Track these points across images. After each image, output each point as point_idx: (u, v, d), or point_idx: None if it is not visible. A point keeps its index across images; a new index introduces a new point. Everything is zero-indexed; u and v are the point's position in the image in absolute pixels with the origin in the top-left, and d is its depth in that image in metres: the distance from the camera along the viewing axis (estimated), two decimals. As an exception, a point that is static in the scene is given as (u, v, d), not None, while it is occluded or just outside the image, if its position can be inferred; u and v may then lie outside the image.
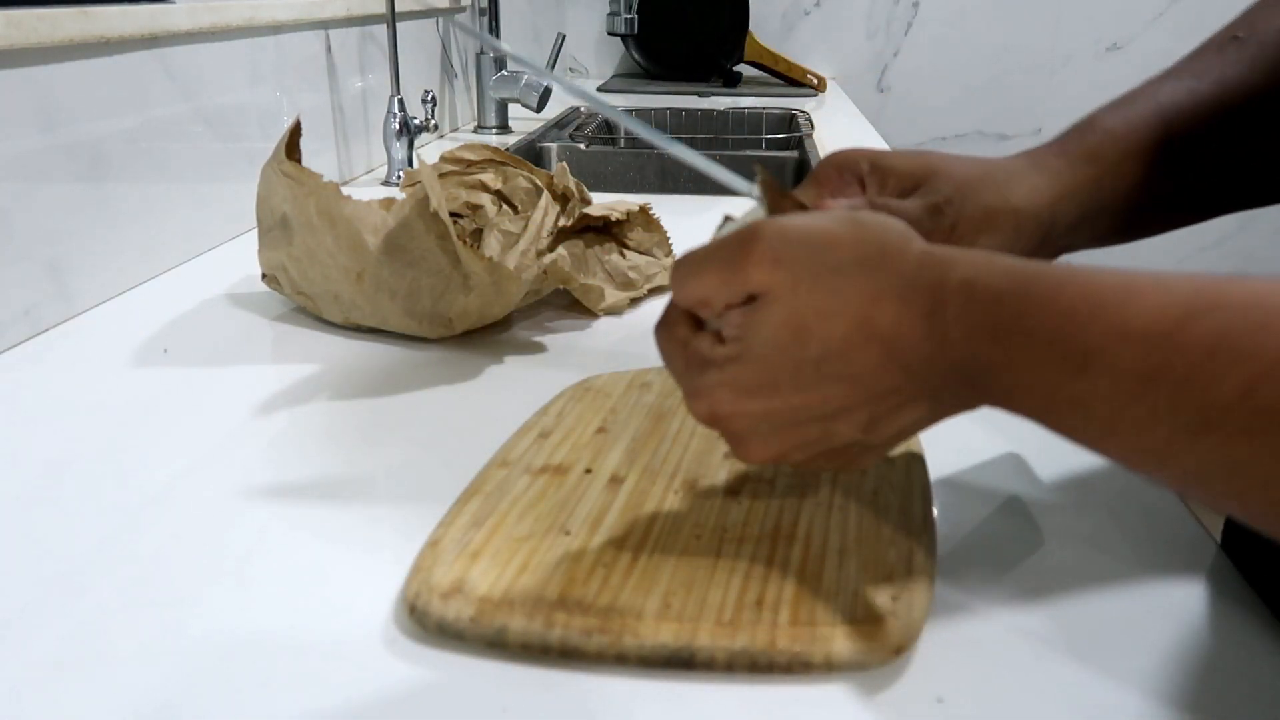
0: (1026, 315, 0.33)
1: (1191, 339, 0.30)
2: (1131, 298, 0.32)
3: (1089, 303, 0.32)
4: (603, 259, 0.81)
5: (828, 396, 0.36)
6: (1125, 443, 0.32)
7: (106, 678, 0.37)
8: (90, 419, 0.59)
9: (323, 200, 0.68)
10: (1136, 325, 0.31)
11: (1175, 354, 0.30)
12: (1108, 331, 0.31)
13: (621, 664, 0.38)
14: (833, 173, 0.49)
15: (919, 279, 0.36)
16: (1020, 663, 0.39)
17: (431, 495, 0.49)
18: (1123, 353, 0.31)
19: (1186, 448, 0.30)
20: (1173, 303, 0.31)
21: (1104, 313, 0.32)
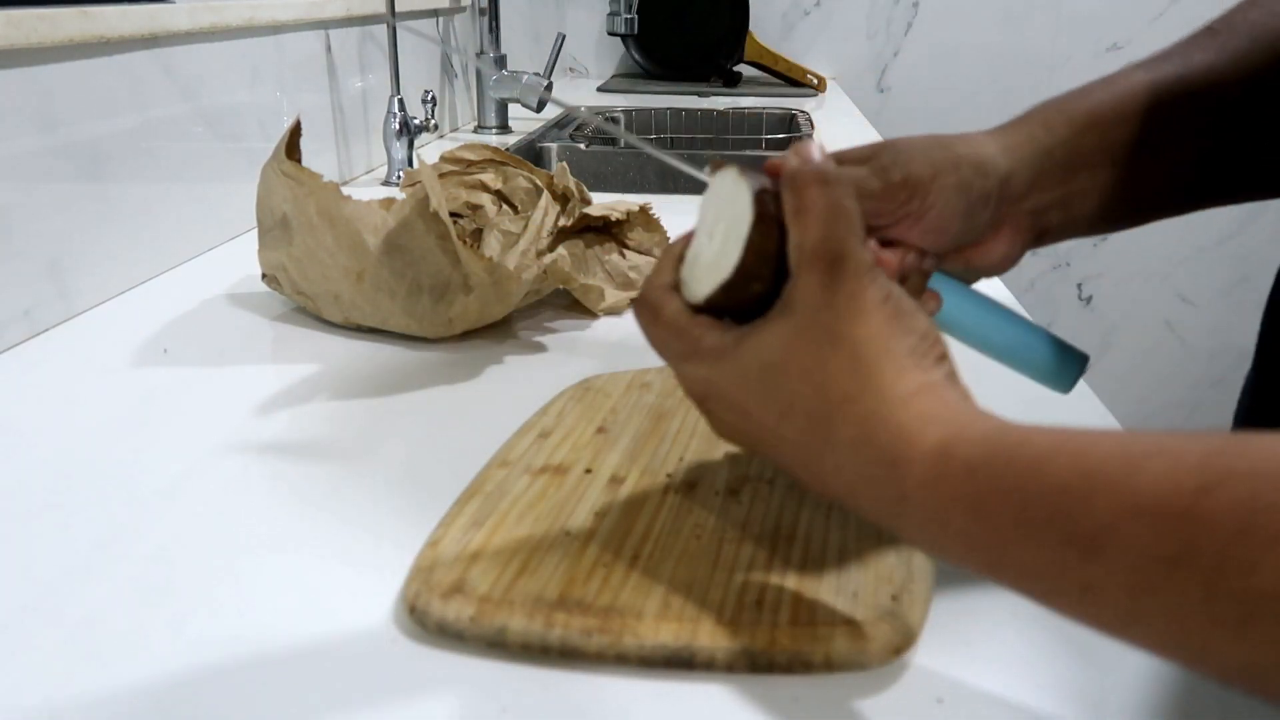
0: (1010, 492, 0.30)
1: (1215, 514, 0.26)
2: (1134, 467, 0.28)
3: (1086, 475, 0.28)
4: (603, 259, 0.81)
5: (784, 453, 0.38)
6: (1155, 633, 0.28)
7: (106, 678, 0.37)
8: (90, 419, 0.59)
9: (323, 200, 0.68)
10: (1148, 500, 0.27)
11: (1200, 533, 0.26)
12: (1117, 508, 0.27)
13: (621, 664, 0.38)
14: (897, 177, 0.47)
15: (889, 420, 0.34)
16: (1020, 663, 0.39)
17: (431, 495, 0.49)
18: (1138, 532, 0.27)
19: (1228, 642, 0.26)
20: (1183, 470, 0.27)
21: (1107, 486, 0.28)
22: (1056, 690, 0.38)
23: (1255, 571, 0.25)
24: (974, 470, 0.31)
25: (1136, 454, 0.28)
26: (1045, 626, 0.41)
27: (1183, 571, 0.26)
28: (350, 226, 0.67)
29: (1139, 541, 0.27)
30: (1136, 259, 2.39)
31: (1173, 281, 2.42)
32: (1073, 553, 0.28)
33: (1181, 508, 0.26)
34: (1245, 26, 0.51)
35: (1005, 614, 0.42)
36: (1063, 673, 0.38)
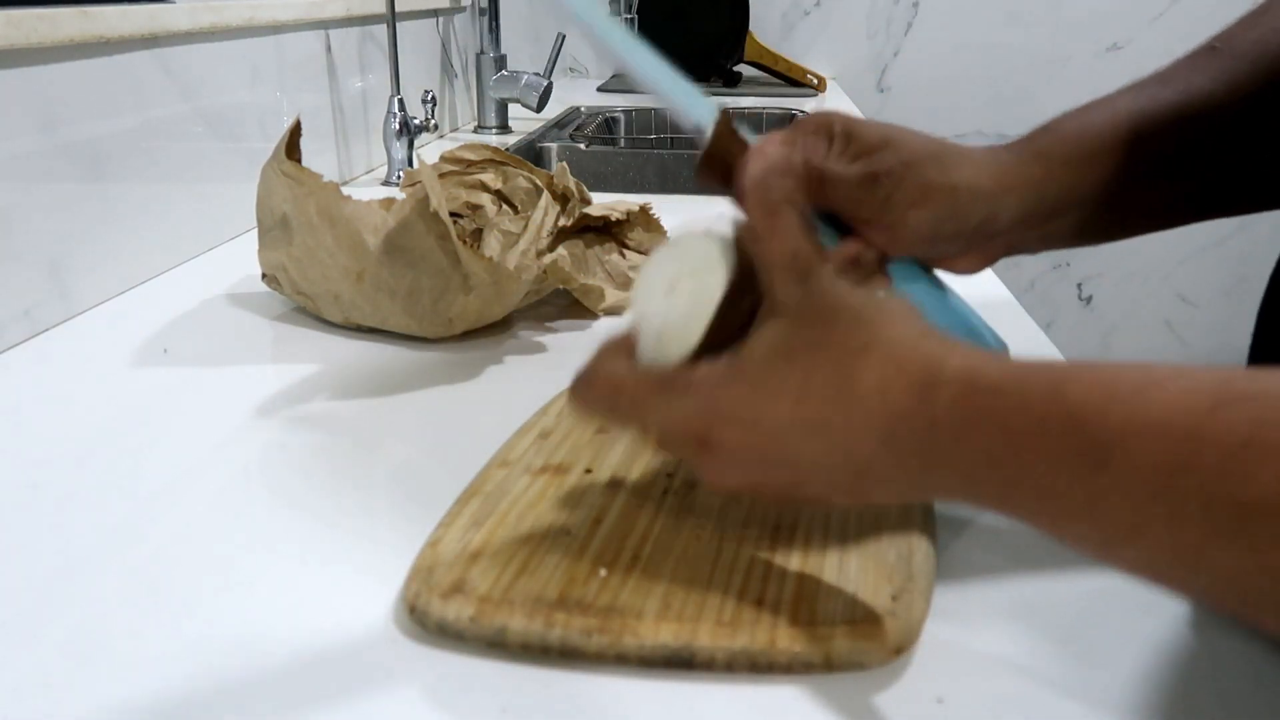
0: (1032, 406, 0.31)
1: (1221, 430, 0.27)
2: (1149, 387, 0.29)
3: (1103, 393, 0.30)
4: (603, 259, 0.81)
5: (803, 448, 0.35)
6: (1151, 545, 0.29)
7: (106, 678, 0.37)
8: (90, 419, 0.59)
9: (323, 200, 0.68)
10: (1159, 415, 0.28)
11: (1204, 446, 0.27)
12: (1127, 423, 0.29)
13: (621, 664, 0.38)
14: (809, 130, 0.48)
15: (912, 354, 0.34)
16: (1020, 663, 0.39)
17: (431, 495, 0.49)
18: (1146, 445, 0.28)
19: (1221, 549, 0.27)
20: (1197, 391, 0.28)
21: (1120, 404, 0.29)
22: (1056, 690, 0.38)
23: (1252, 481, 0.26)
24: (1000, 389, 0.32)
25: (1156, 376, 0.30)
26: (1046, 627, 0.41)
27: (1184, 480, 0.28)
28: (350, 226, 0.67)
29: (1146, 453, 0.28)
30: (1136, 259, 2.39)
31: (1173, 281, 2.42)
32: (1084, 464, 0.29)
33: (1191, 424, 0.28)
34: (1247, 47, 0.51)
35: (1005, 614, 0.42)
36: (1063, 673, 0.38)
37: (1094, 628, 0.41)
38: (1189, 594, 0.30)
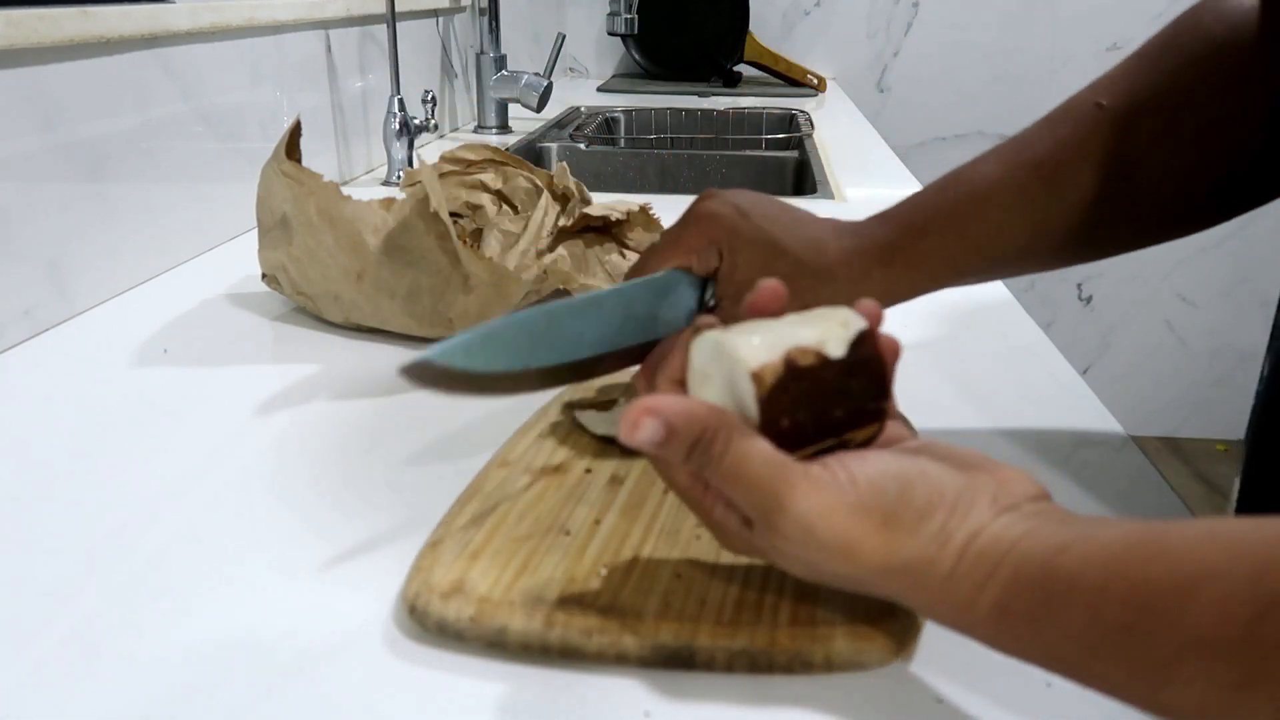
0: (1076, 632, 0.31)
1: (1272, 640, 0.28)
2: (1187, 599, 0.29)
3: (1144, 613, 0.30)
4: (603, 259, 0.81)
5: None
6: None
7: (106, 678, 0.37)
8: (90, 419, 0.59)
9: (323, 200, 0.68)
10: (1206, 633, 0.29)
11: (1262, 660, 0.28)
12: (1179, 643, 0.29)
13: (621, 664, 0.38)
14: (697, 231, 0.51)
15: (947, 598, 0.34)
16: (1020, 663, 0.39)
17: (431, 495, 0.49)
18: (1203, 664, 0.29)
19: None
20: (1235, 599, 0.28)
21: (1165, 622, 0.29)
22: (1056, 690, 0.38)
23: None
24: (1035, 620, 0.32)
25: (1187, 583, 0.29)
26: (1045, 626, 0.41)
27: (1251, 695, 0.28)
28: (350, 226, 0.67)
29: (1205, 672, 0.29)
30: (1136, 259, 2.39)
31: (1173, 281, 2.42)
32: (1143, 683, 0.30)
33: (1238, 637, 0.28)
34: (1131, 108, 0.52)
35: (1005, 614, 0.42)
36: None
37: (1094, 628, 0.41)
38: None
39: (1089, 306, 2.46)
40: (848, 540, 0.34)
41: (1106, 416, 0.60)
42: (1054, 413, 0.61)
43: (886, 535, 0.34)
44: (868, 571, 0.34)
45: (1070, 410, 0.61)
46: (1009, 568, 0.33)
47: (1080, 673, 0.32)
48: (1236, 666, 0.28)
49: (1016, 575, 0.33)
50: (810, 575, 0.36)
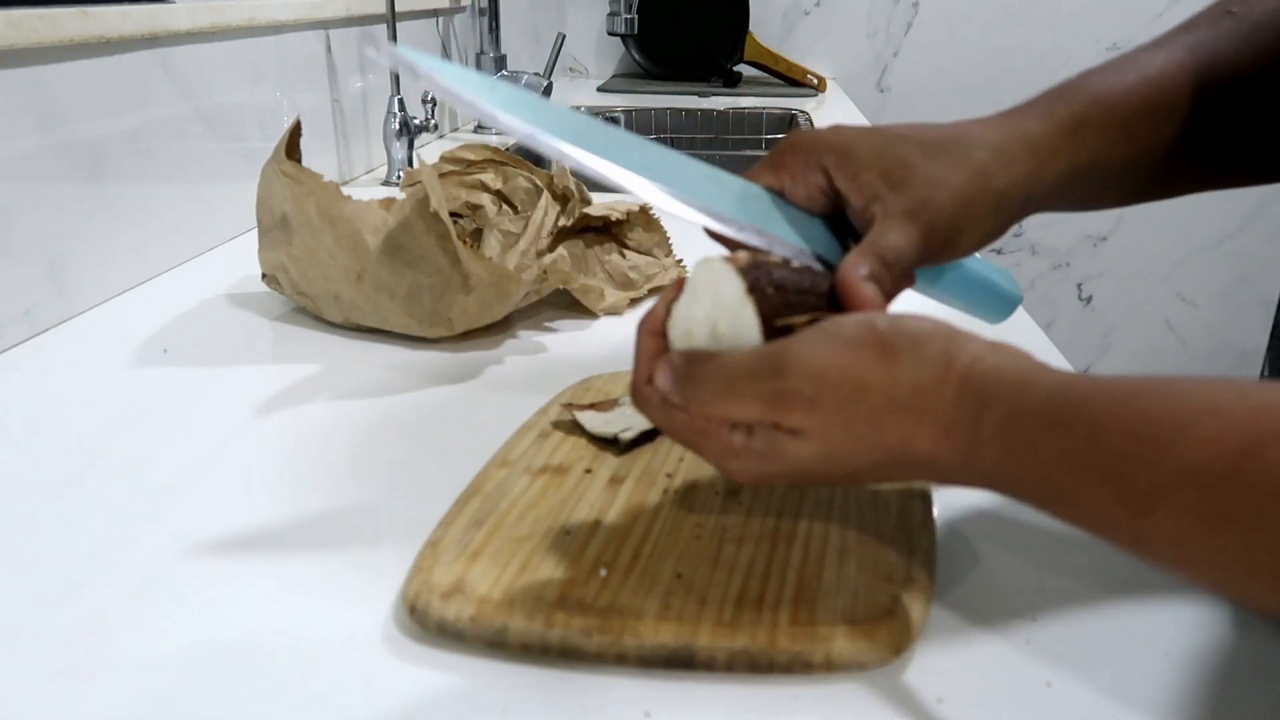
0: (1073, 453, 0.32)
1: (1256, 476, 0.28)
2: (1185, 431, 0.30)
3: (1140, 441, 0.31)
4: (603, 259, 0.81)
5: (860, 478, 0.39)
6: (1198, 576, 0.31)
7: (106, 678, 0.37)
8: (90, 419, 0.59)
9: (323, 200, 0.68)
10: (1196, 463, 0.29)
11: (1242, 494, 0.28)
12: (1167, 474, 0.30)
13: (621, 664, 0.38)
14: (795, 157, 0.46)
15: (954, 421, 0.35)
16: (1020, 663, 0.39)
17: (431, 495, 0.49)
18: (1186, 495, 0.30)
19: (1268, 584, 0.29)
20: (1230, 433, 0.29)
21: (1159, 452, 0.30)
22: (1056, 691, 0.38)
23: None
24: (1037, 439, 0.33)
25: (1187, 415, 0.30)
26: (1045, 627, 0.41)
27: (1225, 528, 0.29)
28: (350, 226, 0.67)
29: (1186, 503, 0.29)
30: (1136, 259, 2.39)
31: (1173, 281, 2.42)
32: (1125, 511, 0.31)
33: (1226, 469, 0.29)
34: (1267, 16, 0.50)
35: (1005, 614, 0.42)
36: (1063, 673, 0.38)
37: (1094, 627, 0.41)
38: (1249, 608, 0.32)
39: (1089, 306, 2.46)
40: (854, 375, 0.35)
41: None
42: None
43: (889, 363, 0.35)
44: (880, 410, 0.35)
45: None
46: (1014, 392, 0.34)
47: (1066, 501, 0.33)
48: (1217, 500, 0.29)
49: (1022, 399, 0.34)
50: (822, 462, 0.36)
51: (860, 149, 0.45)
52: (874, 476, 0.38)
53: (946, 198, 0.44)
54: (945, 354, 0.35)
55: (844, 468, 0.37)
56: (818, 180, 0.45)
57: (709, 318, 0.39)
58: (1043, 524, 0.49)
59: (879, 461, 0.37)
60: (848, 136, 0.46)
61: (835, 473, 0.38)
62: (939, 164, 0.45)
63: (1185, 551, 0.30)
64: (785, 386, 0.36)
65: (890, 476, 0.38)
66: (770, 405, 0.36)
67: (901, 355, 0.36)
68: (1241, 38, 0.50)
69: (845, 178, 0.45)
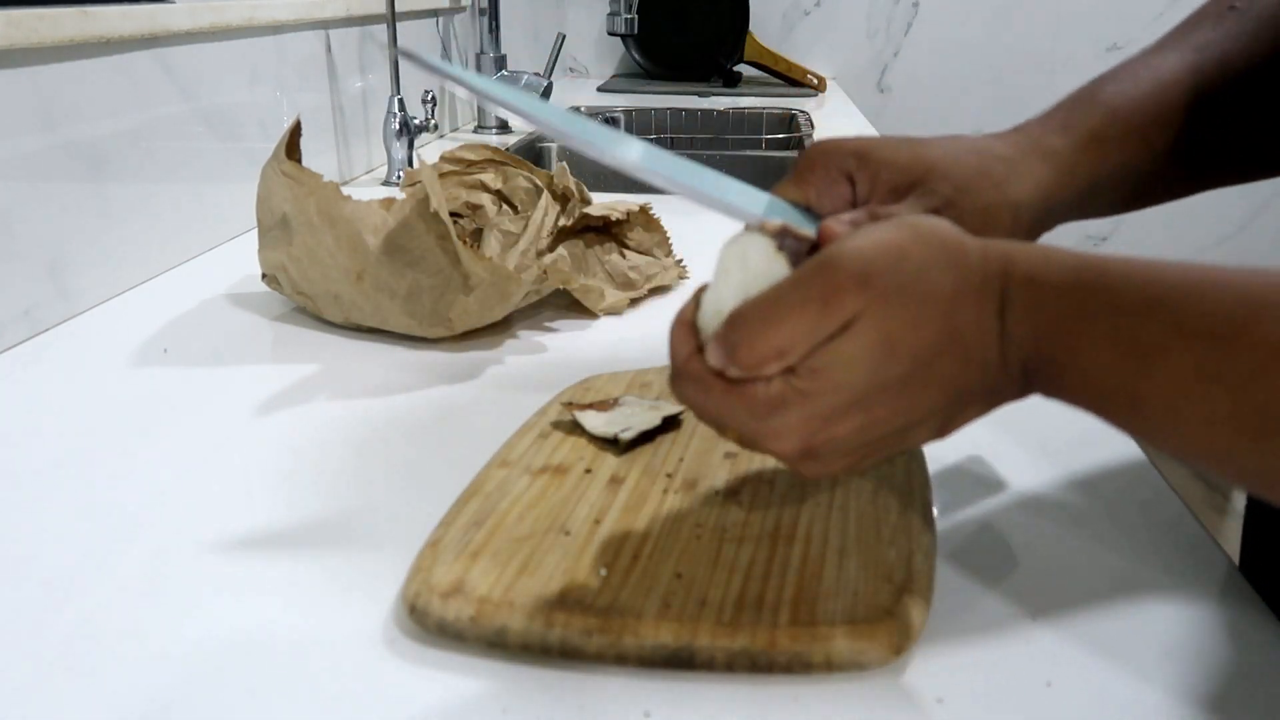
0: (1087, 312, 0.33)
1: (1254, 340, 0.29)
2: (1192, 295, 0.31)
3: (1149, 300, 0.32)
4: (603, 259, 0.81)
5: (916, 407, 0.36)
6: (1186, 442, 0.32)
7: (106, 678, 0.37)
8: (90, 419, 0.59)
9: (323, 200, 0.68)
10: (1198, 325, 0.31)
11: (1237, 356, 0.30)
12: (1168, 330, 0.31)
13: (621, 664, 0.38)
14: (817, 167, 0.46)
15: (987, 274, 0.35)
16: (1020, 663, 0.39)
17: (431, 495, 0.49)
18: (1184, 353, 0.31)
19: (1250, 450, 0.30)
20: (1235, 301, 0.30)
21: (1164, 311, 0.32)
22: (1056, 691, 0.38)
23: (1277, 386, 0.29)
24: (1061, 290, 0.34)
25: (1195, 282, 0.32)
26: (1045, 627, 0.41)
27: (1216, 388, 0.30)
28: (350, 226, 0.67)
29: (1184, 362, 0.31)
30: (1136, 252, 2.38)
31: (1173, 281, 2.42)
32: (1129, 365, 0.32)
33: (1225, 333, 0.30)
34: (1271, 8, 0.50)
35: (1005, 614, 0.42)
36: (1063, 672, 0.38)
37: (1094, 627, 0.41)
38: (1228, 481, 0.32)
39: (1089, 306, 2.46)
40: (895, 244, 0.35)
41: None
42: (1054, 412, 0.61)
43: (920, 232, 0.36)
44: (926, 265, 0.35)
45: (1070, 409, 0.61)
46: (1038, 257, 0.35)
47: (1072, 359, 0.34)
48: (1215, 359, 0.30)
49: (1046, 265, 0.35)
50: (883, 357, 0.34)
51: (880, 149, 0.45)
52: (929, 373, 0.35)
53: (968, 202, 0.44)
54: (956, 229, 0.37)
55: (904, 355, 0.35)
56: (843, 191, 0.45)
57: (740, 285, 0.38)
58: (1043, 524, 0.49)
59: (936, 341, 0.35)
60: (867, 141, 0.46)
61: (894, 372, 0.35)
62: (960, 168, 0.45)
63: (1178, 415, 0.31)
64: (838, 276, 0.34)
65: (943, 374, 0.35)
66: (822, 303, 0.34)
67: (921, 226, 0.36)
68: (1249, 34, 0.50)
69: (866, 179, 0.45)
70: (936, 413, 0.36)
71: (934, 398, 0.36)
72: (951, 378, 0.36)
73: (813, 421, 0.35)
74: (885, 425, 0.36)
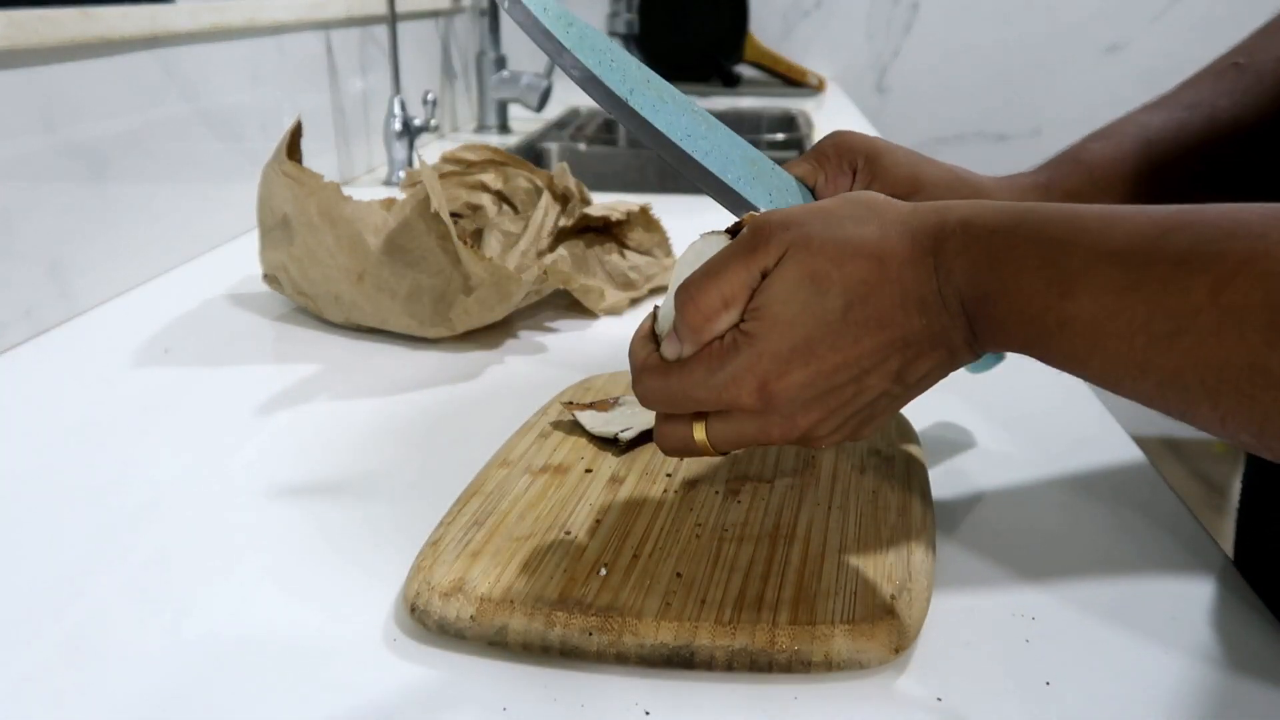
0: (1017, 245, 0.35)
1: (1165, 252, 0.32)
2: (1113, 221, 0.34)
3: (1074, 229, 0.34)
4: (603, 259, 0.81)
5: (861, 349, 0.37)
6: (1108, 357, 0.34)
7: (107, 678, 0.38)
8: (91, 419, 0.59)
9: (324, 200, 0.68)
10: (1117, 245, 0.33)
11: (1151, 267, 0.32)
12: (1090, 253, 0.33)
13: (621, 663, 0.38)
14: (832, 154, 0.51)
15: (918, 220, 0.37)
16: (1020, 662, 0.39)
17: (431, 495, 0.49)
18: (1104, 271, 0.33)
19: (1164, 352, 0.32)
20: (1150, 223, 0.33)
21: (1086, 236, 0.34)
22: (1055, 690, 0.38)
23: (1187, 292, 0.31)
24: (995, 228, 0.36)
25: (1117, 213, 0.34)
26: (1045, 626, 0.41)
27: (1133, 298, 0.32)
28: (351, 227, 0.67)
29: (1103, 279, 0.33)
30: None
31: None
32: (1055, 289, 0.34)
33: (1140, 249, 0.32)
34: (1271, 65, 0.52)
35: (1005, 614, 0.42)
36: (1062, 672, 0.38)
37: (1094, 627, 0.41)
38: (1140, 399, 0.34)
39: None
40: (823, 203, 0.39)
41: (1106, 416, 0.60)
42: (1054, 413, 0.61)
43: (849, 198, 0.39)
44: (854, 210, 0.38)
45: (1070, 410, 0.61)
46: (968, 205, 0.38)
47: (1003, 289, 0.35)
48: (1135, 272, 0.32)
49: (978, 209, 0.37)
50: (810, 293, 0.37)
51: (887, 156, 0.50)
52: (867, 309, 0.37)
53: None
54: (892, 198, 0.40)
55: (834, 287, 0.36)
56: (845, 182, 0.51)
57: None
58: (1042, 524, 0.49)
59: (866, 275, 0.36)
60: (880, 144, 0.50)
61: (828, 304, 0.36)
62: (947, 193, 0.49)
63: (1100, 330, 0.33)
64: (760, 228, 0.38)
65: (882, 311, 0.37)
66: (750, 251, 0.37)
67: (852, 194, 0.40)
68: (1244, 89, 0.52)
69: (866, 177, 0.50)
70: (885, 359, 0.37)
71: (877, 339, 0.37)
72: (889, 317, 0.37)
73: (763, 360, 0.37)
74: (837, 373, 0.37)
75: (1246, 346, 0.30)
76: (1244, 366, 0.30)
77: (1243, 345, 0.30)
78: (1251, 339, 0.30)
